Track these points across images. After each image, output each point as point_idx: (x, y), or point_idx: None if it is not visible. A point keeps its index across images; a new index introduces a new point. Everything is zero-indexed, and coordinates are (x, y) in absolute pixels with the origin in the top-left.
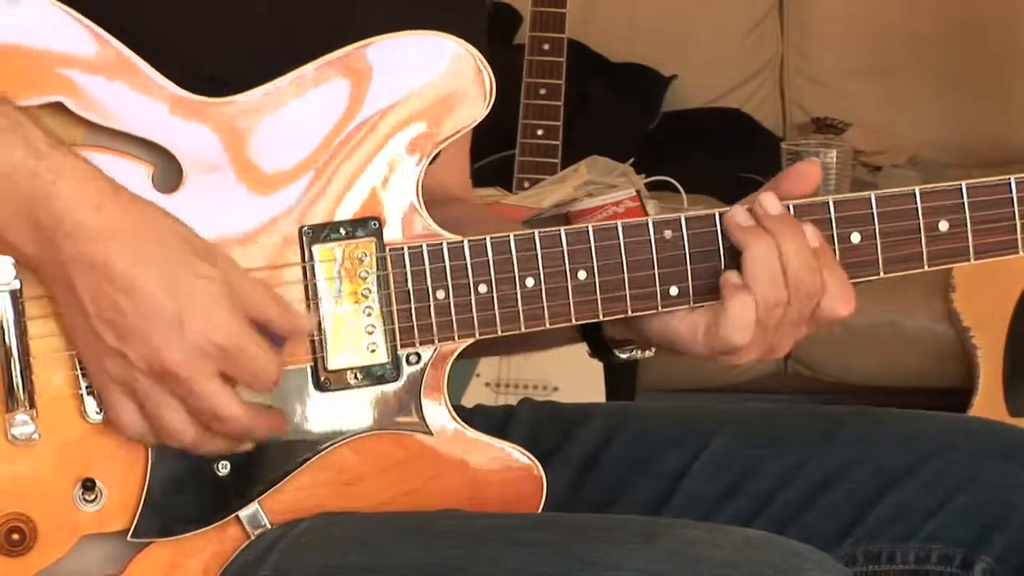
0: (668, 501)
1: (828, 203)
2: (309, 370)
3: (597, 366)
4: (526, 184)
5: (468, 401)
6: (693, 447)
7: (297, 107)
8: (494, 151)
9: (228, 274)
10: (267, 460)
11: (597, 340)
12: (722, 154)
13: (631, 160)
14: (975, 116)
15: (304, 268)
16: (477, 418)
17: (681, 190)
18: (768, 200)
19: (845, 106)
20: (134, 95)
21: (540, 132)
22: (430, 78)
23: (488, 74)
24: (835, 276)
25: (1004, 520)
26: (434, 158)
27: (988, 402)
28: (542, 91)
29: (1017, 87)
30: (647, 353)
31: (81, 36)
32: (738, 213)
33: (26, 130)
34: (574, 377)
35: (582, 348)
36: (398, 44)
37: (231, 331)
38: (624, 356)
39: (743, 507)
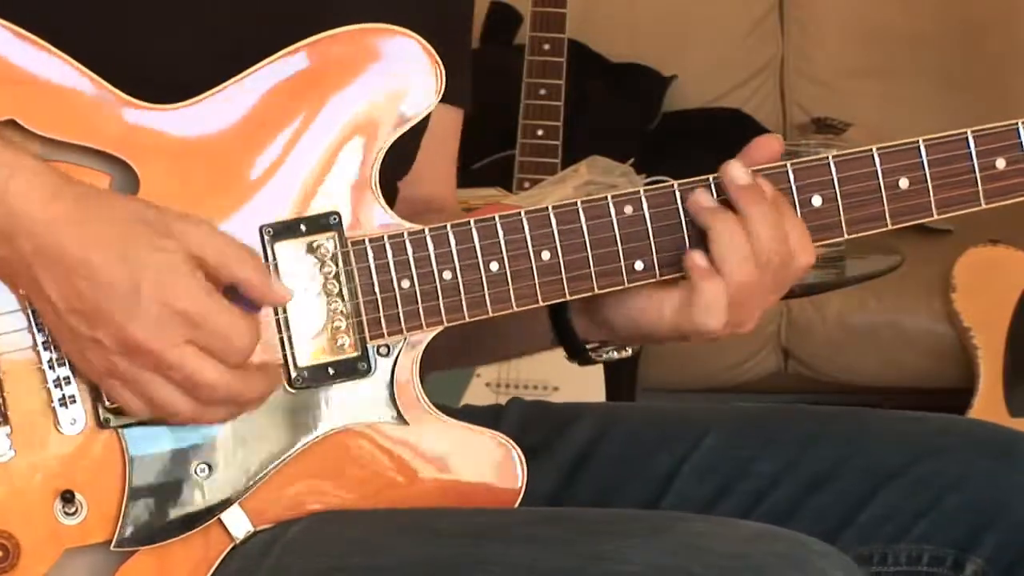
0: (659, 502)
1: (787, 168)
2: (280, 369)
3: (597, 366)
4: (526, 184)
5: (468, 402)
6: (684, 447)
7: (249, 108)
8: (494, 151)
9: (193, 241)
10: (244, 461)
11: (573, 344)
12: (722, 154)
13: (631, 160)
14: (975, 116)
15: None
16: (464, 417)
17: None
18: (736, 170)
19: (845, 106)
20: (85, 107)
21: (540, 132)
22: (379, 69)
23: (437, 63)
24: (796, 229)
25: (995, 521)
26: (408, 154)
27: (988, 402)
28: (542, 91)
29: (1017, 87)
30: (624, 353)
31: (26, 52)
32: (700, 195)
33: None
34: (574, 377)
35: None
36: (344, 38)
37: (191, 296)
38: (602, 358)
39: (734, 508)
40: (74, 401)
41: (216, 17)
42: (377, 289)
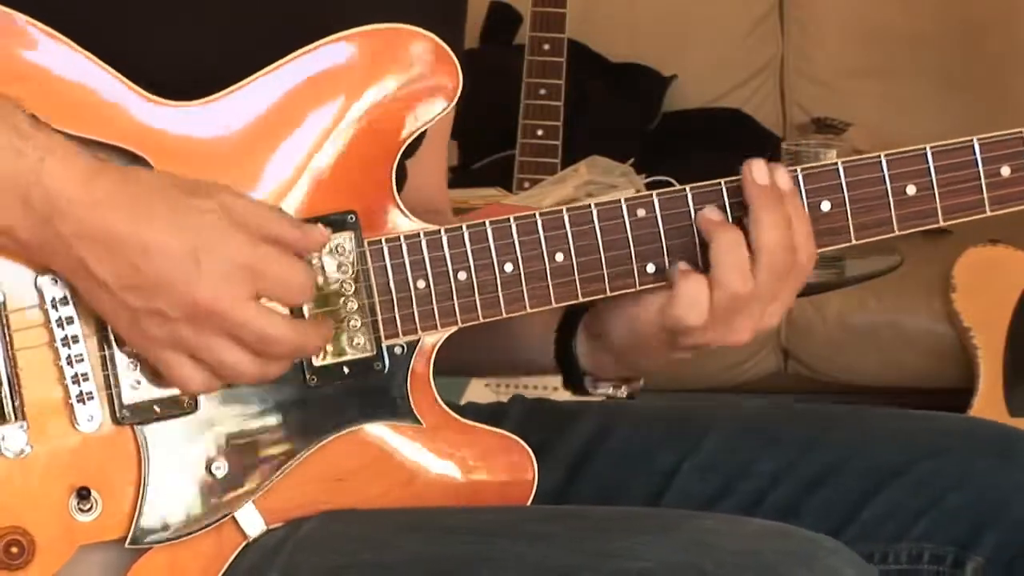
0: (660, 500)
1: (797, 173)
2: (295, 368)
3: None
4: (526, 184)
5: (467, 399)
6: (685, 446)
7: (267, 107)
8: (494, 151)
9: (227, 201)
10: (260, 460)
11: (573, 372)
12: (722, 154)
13: (631, 160)
14: (975, 116)
15: None
16: (467, 414)
17: None
18: (759, 167)
19: (845, 106)
20: (101, 102)
21: (540, 132)
22: (398, 70)
23: (455, 64)
24: (803, 226)
25: (996, 519)
26: (409, 150)
27: (988, 402)
28: (542, 91)
29: (1017, 87)
30: (619, 392)
31: (43, 46)
32: (709, 211)
33: (8, 112)
34: None
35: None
36: (365, 38)
37: (247, 249)
38: (597, 390)
39: (735, 507)
40: (92, 397)
41: (218, 16)
42: (393, 289)
